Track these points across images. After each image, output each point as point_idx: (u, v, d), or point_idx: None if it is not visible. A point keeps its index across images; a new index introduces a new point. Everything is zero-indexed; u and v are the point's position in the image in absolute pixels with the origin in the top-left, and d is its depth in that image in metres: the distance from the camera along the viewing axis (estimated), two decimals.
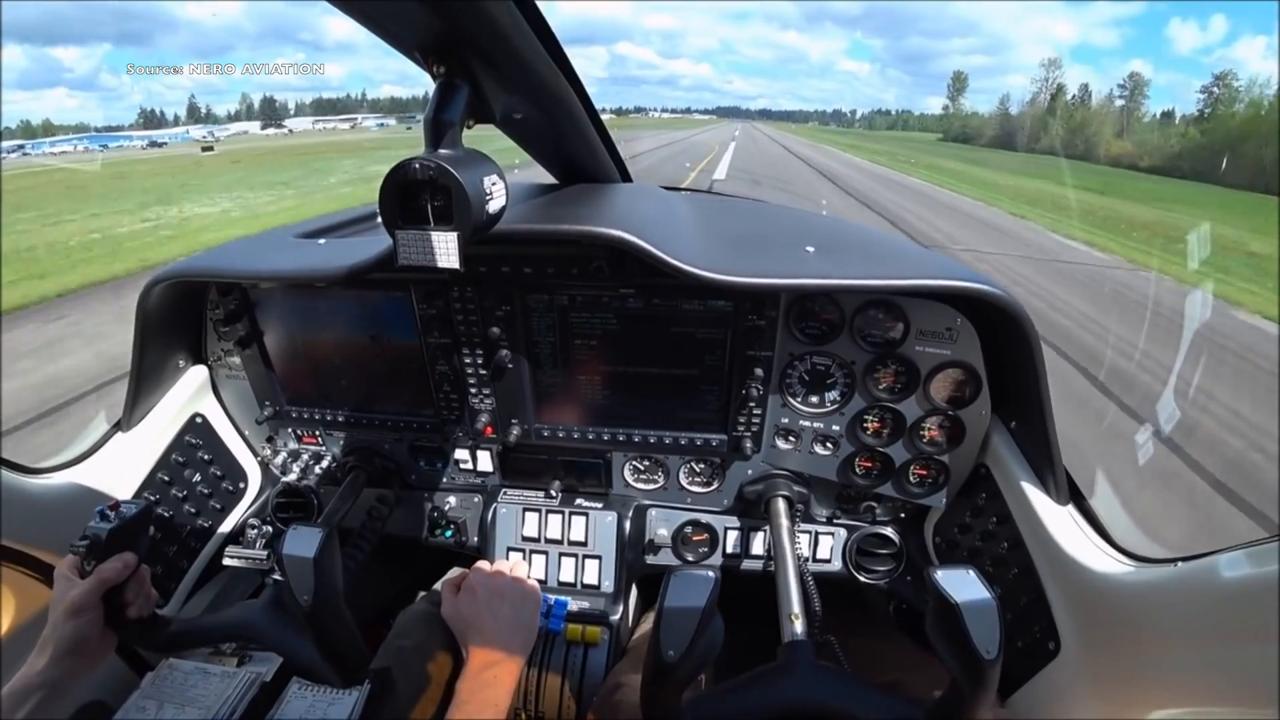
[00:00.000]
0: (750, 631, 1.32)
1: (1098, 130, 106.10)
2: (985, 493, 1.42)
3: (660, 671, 0.94)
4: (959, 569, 0.90)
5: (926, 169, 39.13)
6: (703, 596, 0.94)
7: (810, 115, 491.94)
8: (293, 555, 1.12)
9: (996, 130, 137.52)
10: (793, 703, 1.05)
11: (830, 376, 1.46)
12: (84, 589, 1.12)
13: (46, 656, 1.09)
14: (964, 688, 0.87)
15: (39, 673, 1.07)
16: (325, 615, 1.16)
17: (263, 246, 1.79)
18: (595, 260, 1.39)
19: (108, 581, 1.13)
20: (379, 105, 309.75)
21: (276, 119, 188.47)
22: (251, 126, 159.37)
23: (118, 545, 1.16)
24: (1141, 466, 4.75)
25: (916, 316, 1.35)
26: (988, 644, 0.82)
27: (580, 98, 1.30)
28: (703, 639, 0.93)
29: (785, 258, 1.41)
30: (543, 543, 1.72)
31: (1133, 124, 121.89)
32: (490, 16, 0.85)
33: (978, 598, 0.85)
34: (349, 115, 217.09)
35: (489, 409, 1.63)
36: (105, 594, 1.14)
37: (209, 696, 1.34)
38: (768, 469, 1.62)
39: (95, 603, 1.13)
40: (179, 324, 1.67)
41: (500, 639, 1.33)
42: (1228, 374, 6.91)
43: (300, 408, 1.76)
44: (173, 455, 1.66)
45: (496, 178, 0.90)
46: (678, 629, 0.92)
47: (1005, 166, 49.29)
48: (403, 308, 1.54)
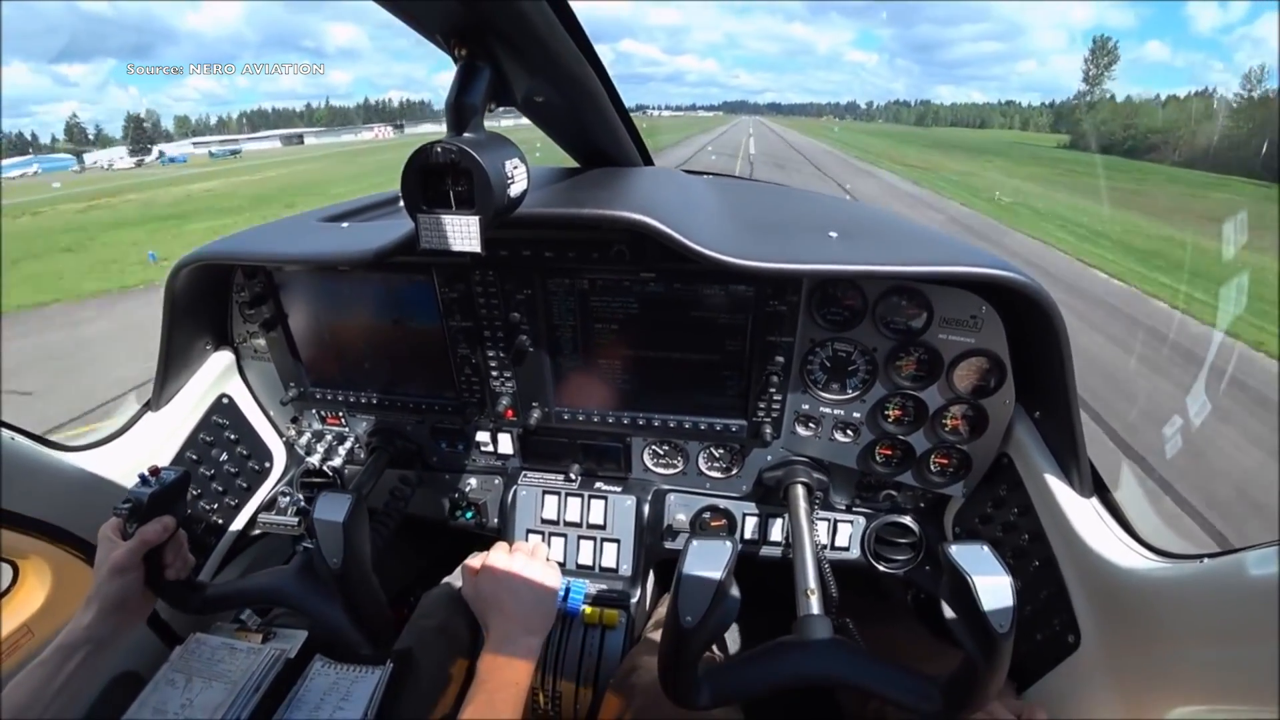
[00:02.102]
0: (769, 618, 1.32)
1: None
2: (1007, 483, 1.40)
3: (678, 637, 0.95)
4: (974, 544, 0.90)
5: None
6: (720, 565, 0.95)
7: (823, 108, 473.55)
8: (323, 519, 1.16)
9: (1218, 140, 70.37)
10: (807, 674, 1.06)
11: (852, 363, 1.45)
12: (126, 549, 1.19)
13: (92, 613, 1.16)
14: (977, 663, 0.87)
15: (85, 628, 1.15)
16: (353, 578, 1.20)
17: (287, 230, 1.81)
18: (616, 244, 1.39)
19: (149, 543, 1.20)
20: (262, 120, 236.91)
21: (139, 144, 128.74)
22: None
23: (158, 509, 1.22)
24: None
25: (940, 304, 1.33)
26: (1000, 619, 0.82)
27: (602, 80, 1.29)
28: (719, 607, 0.94)
29: (808, 243, 1.40)
30: (562, 525, 1.74)
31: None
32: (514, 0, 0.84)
33: (991, 573, 0.85)
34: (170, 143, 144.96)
35: (510, 392, 1.64)
36: (146, 555, 1.21)
37: (235, 671, 1.38)
38: (787, 455, 1.62)
39: (137, 563, 1.20)
40: (206, 307, 1.70)
41: (519, 619, 1.35)
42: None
43: (324, 389, 1.78)
44: (200, 435, 1.70)
45: (518, 161, 0.90)
46: (695, 596, 0.94)
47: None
48: (425, 291, 1.55)
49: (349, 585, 1.21)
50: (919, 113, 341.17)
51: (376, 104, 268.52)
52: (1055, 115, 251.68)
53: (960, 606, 0.86)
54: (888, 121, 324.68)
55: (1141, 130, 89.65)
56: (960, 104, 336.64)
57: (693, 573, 0.95)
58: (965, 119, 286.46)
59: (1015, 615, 0.83)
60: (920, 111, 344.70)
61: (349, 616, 1.25)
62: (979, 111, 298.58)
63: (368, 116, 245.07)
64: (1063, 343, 1.20)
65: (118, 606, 1.19)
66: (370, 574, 1.25)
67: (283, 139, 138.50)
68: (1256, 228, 17.09)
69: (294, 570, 1.33)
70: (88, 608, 1.17)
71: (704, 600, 0.93)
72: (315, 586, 1.29)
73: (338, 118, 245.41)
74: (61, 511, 1.39)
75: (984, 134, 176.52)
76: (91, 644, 1.14)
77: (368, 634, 1.27)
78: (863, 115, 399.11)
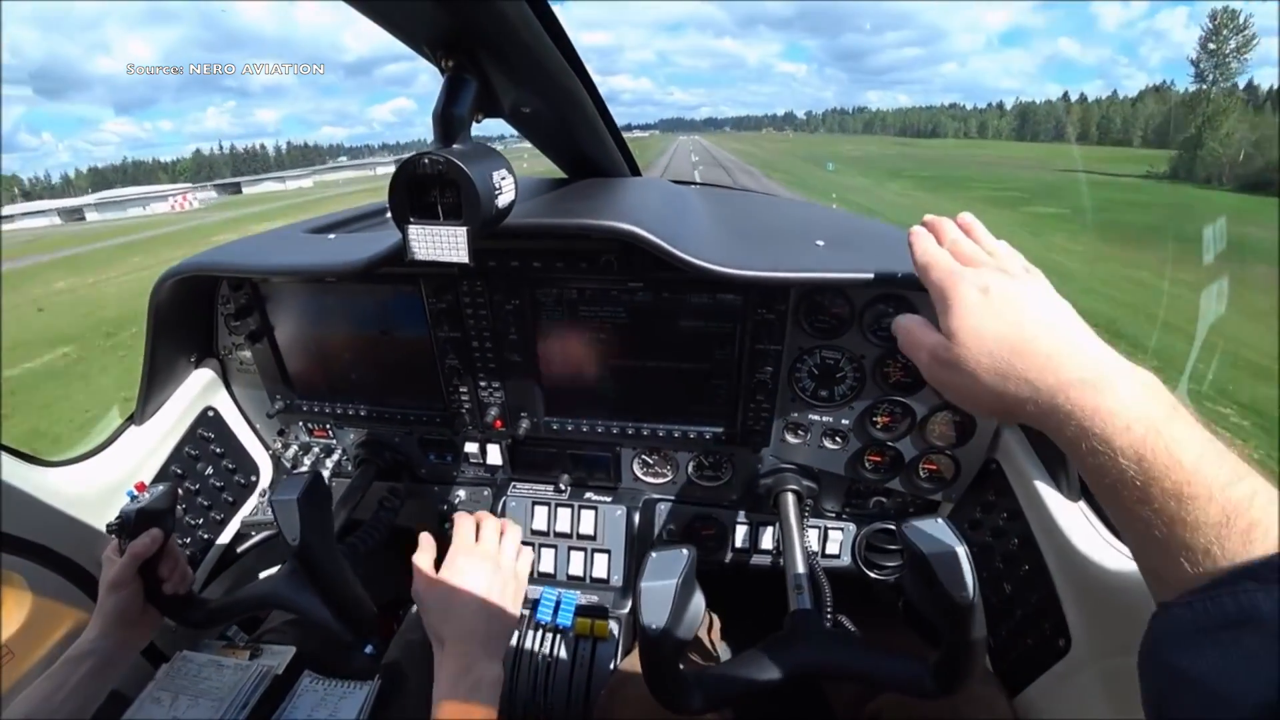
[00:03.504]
0: (762, 629, 1.32)
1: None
2: (995, 489, 1.41)
3: (647, 644, 0.95)
4: (929, 519, 0.91)
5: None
6: (677, 570, 0.96)
7: (761, 120, 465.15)
8: (278, 499, 1.16)
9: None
10: (799, 667, 1.06)
11: (840, 371, 1.46)
12: (120, 565, 1.22)
13: (96, 629, 1.21)
14: (952, 639, 0.88)
15: (90, 642, 1.19)
16: (315, 556, 1.19)
17: (273, 242, 1.80)
18: (604, 254, 1.39)
19: (139, 556, 1.21)
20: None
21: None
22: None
23: (146, 523, 1.23)
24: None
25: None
26: (959, 587, 0.83)
27: (589, 91, 1.30)
28: (683, 609, 0.95)
29: (795, 251, 1.41)
30: (552, 536, 1.73)
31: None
32: (500, 10, 0.85)
33: (945, 545, 0.85)
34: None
35: (498, 402, 1.63)
36: (141, 569, 1.23)
37: (222, 689, 1.36)
38: (777, 463, 1.62)
39: (131, 577, 1.22)
40: (191, 318, 1.69)
41: (479, 639, 1.19)
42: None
43: (311, 401, 1.77)
44: (185, 449, 1.68)
45: (505, 172, 0.90)
46: (654, 603, 0.94)
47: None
48: (413, 302, 1.54)
49: (312, 563, 1.20)
50: (864, 120, 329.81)
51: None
52: (1019, 118, 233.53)
53: (921, 583, 0.87)
54: (831, 132, 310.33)
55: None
56: (909, 108, 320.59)
57: (649, 583, 0.96)
58: (915, 126, 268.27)
59: (976, 581, 0.83)
60: (866, 119, 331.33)
61: (322, 600, 1.24)
62: (929, 117, 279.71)
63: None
64: None
65: (119, 622, 1.22)
66: (336, 553, 1.24)
67: (62, 213, 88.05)
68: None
69: (284, 572, 1.32)
70: (92, 625, 1.22)
71: (664, 605, 0.93)
72: (301, 584, 1.28)
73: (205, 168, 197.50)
74: (41, 528, 1.37)
75: (988, 148, 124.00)
76: (96, 656, 1.17)
77: (348, 623, 1.25)
78: (803, 126, 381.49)
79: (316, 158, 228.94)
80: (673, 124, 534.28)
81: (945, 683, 0.97)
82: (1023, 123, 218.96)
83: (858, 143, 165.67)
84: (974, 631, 0.86)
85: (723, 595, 1.14)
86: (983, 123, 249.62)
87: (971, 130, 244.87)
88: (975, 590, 0.83)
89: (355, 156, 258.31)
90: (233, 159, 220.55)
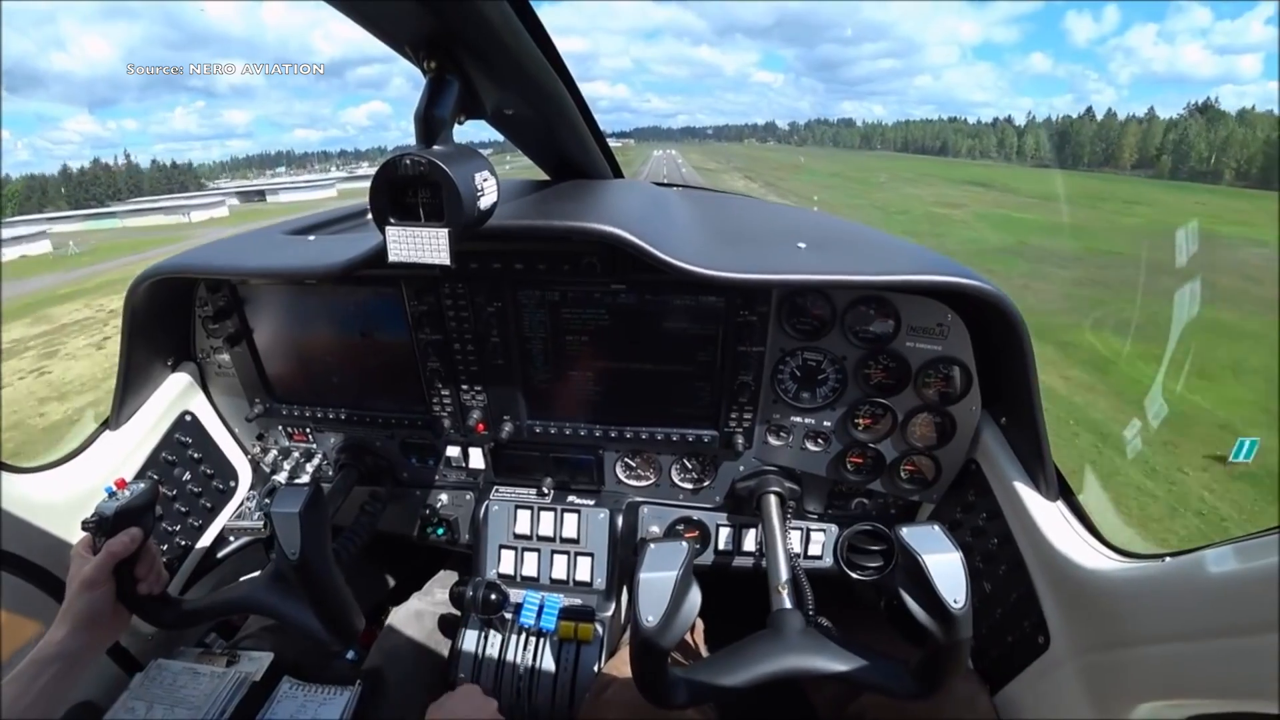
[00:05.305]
0: (745, 630, 1.33)
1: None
2: (975, 489, 1.43)
3: (643, 638, 0.95)
4: (925, 525, 0.92)
5: None
6: (677, 564, 0.96)
7: (741, 130, 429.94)
8: (279, 512, 1.14)
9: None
10: (782, 666, 1.07)
11: (821, 372, 1.46)
12: (94, 564, 1.17)
13: (65, 629, 1.14)
14: (939, 642, 0.89)
15: (57, 643, 1.13)
16: (314, 570, 1.18)
17: (252, 243, 1.77)
18: (587, 256, 1.39)
19: (116, 555, 1.18)
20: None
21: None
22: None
23: (125, 522, 1.19)
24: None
25: (907, 312, 1.36)
26: (955, 595, 0.83)
27: (572, 94, 1.30)
28: (679, 604, 0.95)
29: (777, 253, 1.42)
30: (535, 540, 1.72)
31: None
32: (482, 12, 0.85)
33: (944, 551, 0.86)
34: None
35: (481, 405, 1.62)
36: (116, 568, 1.19)
37: (198, 696, 1.34)
38: (759, 465, 1.62)
39: (105, 577, 1.18)
40: (167, 321, 1.66)
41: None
42: None
43: (290, 405, 1.75)
44: (162, 453, 1.65)
45: (488, 174, 0.90)
46: (653, 596, 0.94)
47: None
48: (393, 304, 1.53)
49: (310, 577, 1.18)
50: (862, 134, 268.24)
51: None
52: (1058, 135, 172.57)
53: (915, 586, 0.87)
54: (821, 145, 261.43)
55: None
56: (914, 121, 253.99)
57: (649, 574, 0.96)
58: (919, 141, 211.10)
59: (970, 590, 0.84)
60: (863, 132, 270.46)
61: (315, 613, 1.22)
62: (935, 131, 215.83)
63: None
64: (1026, 350, 1.23)
65: (89, 622, 1.16)
66: (333, 567, 1.23)
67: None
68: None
69: (265, 577, 1.30)
70: (60, 623, 1.15)
71: (662, 599, 0.93)
72: (286, 591, 1.26)
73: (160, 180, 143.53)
74: (11, 535, 1.34)
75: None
76: (62, 660, 1.12)
77: (336, 631, 1.24)
78: (786, 137, 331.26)
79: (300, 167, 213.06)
80: (649, 133, 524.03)
81: (928, 683, 0.97)
82: (1063, 142, 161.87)
83: (885, 164, 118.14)
84: (961, 637, 0.88)
85: (706, 597, 1.14)
86: (1001, 140, 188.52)
87: (990, 149, 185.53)
88: (969, 598, 0.84)
89: (347, 162, 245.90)
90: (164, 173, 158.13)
